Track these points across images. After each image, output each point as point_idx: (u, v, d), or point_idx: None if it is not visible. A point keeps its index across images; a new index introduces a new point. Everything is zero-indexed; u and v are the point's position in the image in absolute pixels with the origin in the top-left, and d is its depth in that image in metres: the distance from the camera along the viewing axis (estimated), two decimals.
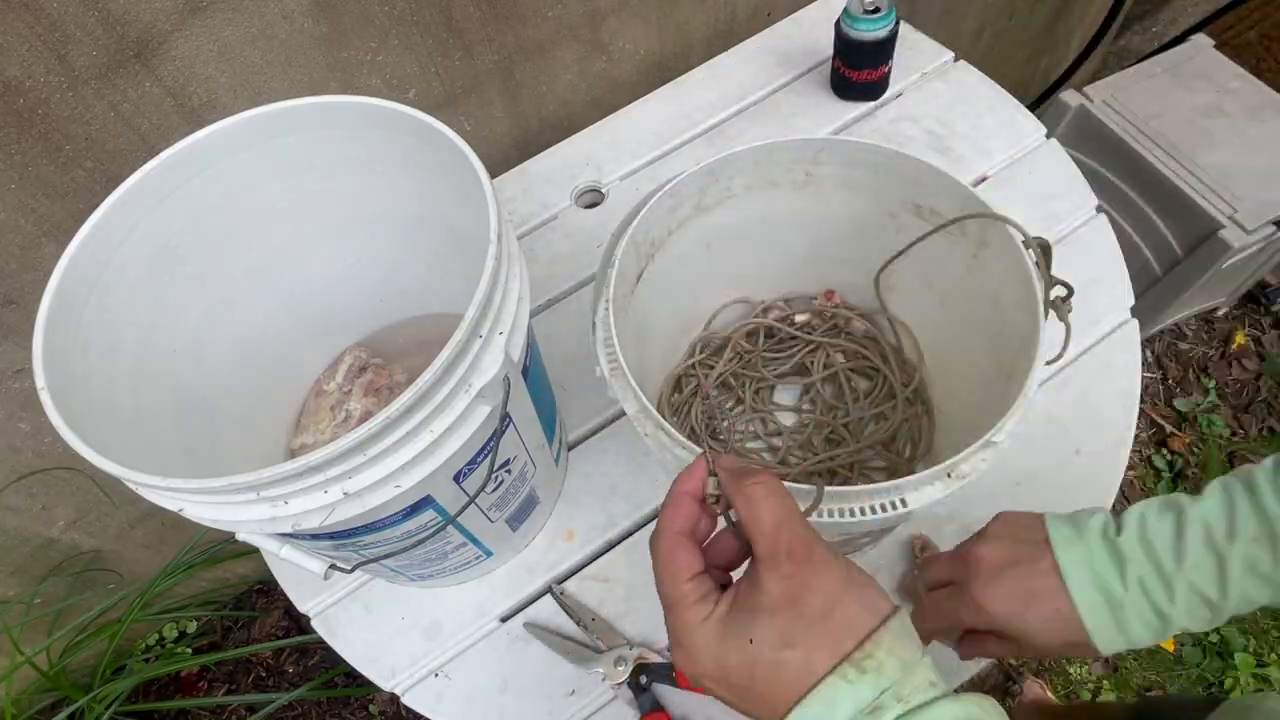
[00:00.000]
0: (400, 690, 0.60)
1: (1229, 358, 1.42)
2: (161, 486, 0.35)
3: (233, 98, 0.65)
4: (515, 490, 0.55)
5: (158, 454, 0.46)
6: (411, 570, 0.55)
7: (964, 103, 0.85)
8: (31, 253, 0.64)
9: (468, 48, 0.76)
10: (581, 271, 0.78)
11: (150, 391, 0.47)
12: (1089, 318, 0.71)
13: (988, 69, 0.88)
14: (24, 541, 0.85)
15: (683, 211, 0.57)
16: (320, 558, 0.46)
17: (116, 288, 0.45)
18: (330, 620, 0.63)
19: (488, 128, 0.85)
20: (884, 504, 0.41)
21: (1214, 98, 1.14)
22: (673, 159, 0.85)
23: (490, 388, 0.40)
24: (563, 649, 0.59)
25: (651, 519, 0.65)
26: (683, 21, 0.90)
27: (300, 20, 0.65)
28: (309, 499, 0.37)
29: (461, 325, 0.38)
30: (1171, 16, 1.69)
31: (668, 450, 0.44)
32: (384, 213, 0.56)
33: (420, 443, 0.38)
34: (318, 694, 1.10)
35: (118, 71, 0.59)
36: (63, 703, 0.92)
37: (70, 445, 0.36)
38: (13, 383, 0.71)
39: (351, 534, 0.43)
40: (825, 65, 0.89)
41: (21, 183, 0.60)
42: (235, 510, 0.38)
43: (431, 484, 0.41)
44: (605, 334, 0.48)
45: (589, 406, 0.70)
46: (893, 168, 0.55)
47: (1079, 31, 1.52)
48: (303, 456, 0.35)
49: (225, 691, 1.13)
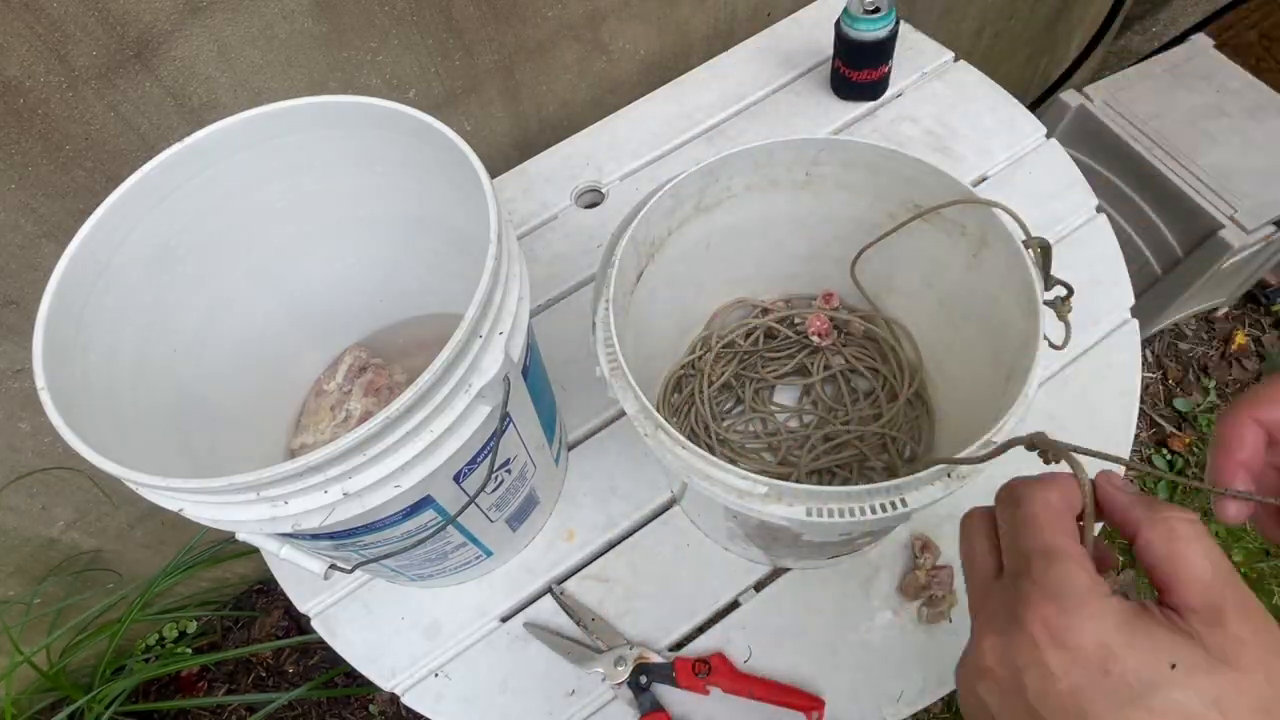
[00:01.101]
0: (400, 690, 0.60)
1: (1229, 358, 1.42)
2: (162, 486, 0.35)
3: (233, 98, 0.65)
4: (515, 490, 0.55)
5: (158, 454, 0.46)
6: (411, 570, 0.55)
7: (964, 103, 0.85)
8: (31, 252, 0.64)
9: (468, 48, 0.76)
10: (581, 271, 0.78)
11: (150, 391, 0.47)
12: (1089, 318, 0.71)
13: (988, 69, 0.88)
14: (24, 541, 0.85)
15: (683, 211, 0.57)
16: (320, 558, 0.46)
17: (116, 288, 0.45)
18: (330, 620, 0.63)
19: (488, 127, 0.85)
20: (884, 504, 0.41)
21: (1214, 98, 1.14)
22: (673, 159, 0.85)
23: (490, 388, 0.40)
24: (563, 649, 0.59)
25: (652, 518, 0.65)
26: (683, 21, 0.90)
27: (300, 20, 0.65)
28: (309, 499, 0.37)
29: (461, 325, 0.38)
30: (1171, 16, 1.69)
31: (668, 450, 0.44)
32: (384, 213, 0.56)
33: (420, 443, 0.38)
34: (318, 694, 1.10)
35: (118, 71, 0.59)
36: (63, 702, 0.92)
37: (70, 445, 0.36)
38: (12, 382, 0.71)
39: (351, 534, 0.43)
40: (825, 65, 0.89)
41: (21, 182, 0.60)
42: (235, 510, 0.38)
43: (431, 484, 0.41)
44: (605, 334, 0.48)
45: (589, 406, 0.70)
46: (891, 167, 0.55)
47: (1079, 31, 1.52)
48: (303, 456, 0.35)
49: (225, 691, 1.13)
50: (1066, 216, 0.77)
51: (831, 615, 0.60)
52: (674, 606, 0.62)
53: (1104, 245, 0.75)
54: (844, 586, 0.61)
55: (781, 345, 0.68)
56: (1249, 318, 1.45)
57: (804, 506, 0.42)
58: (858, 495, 0.41)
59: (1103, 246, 0.75)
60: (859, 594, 0.61)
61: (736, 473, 0.42)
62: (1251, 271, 1.26)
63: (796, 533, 0.42)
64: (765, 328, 0.68)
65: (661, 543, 0.64)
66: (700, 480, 0.43)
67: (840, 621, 0.60)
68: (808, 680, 0.58)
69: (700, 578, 0.63)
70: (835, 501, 0.41)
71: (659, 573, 0.63)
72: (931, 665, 0.58)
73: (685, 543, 0.64)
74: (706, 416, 0.65)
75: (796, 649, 0.59)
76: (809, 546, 0.56)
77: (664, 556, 0.64)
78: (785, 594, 0.62)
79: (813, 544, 0.55)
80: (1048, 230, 0.76)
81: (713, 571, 0.63)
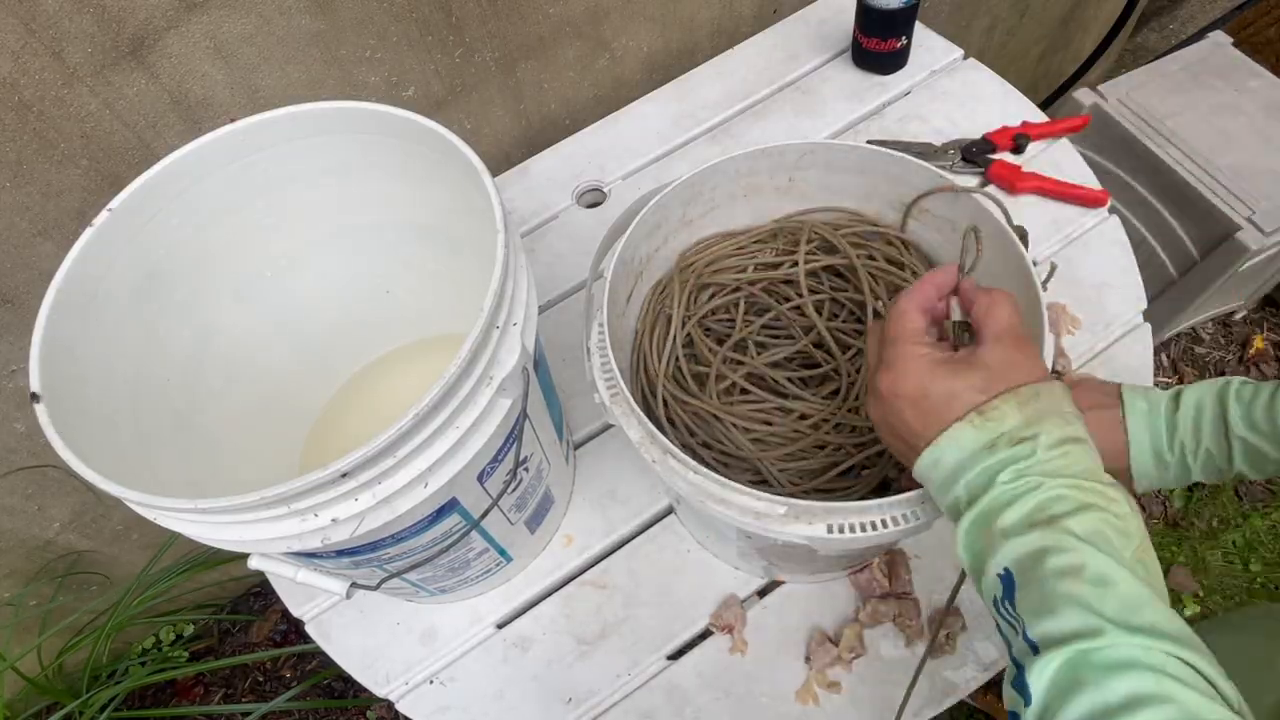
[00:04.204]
0: (395, 697, 0.60)
1: (1247, 362, 1.39)
2: (189, 509, 0.34)
3: (229, 95, 0.65)
4: (533, 489, 0.54)
5: (162, 481, 0.44)
6: (434, 583, 0.54)
7: (974, 101, 0.84)
8: (27, 250, 0.64)
9: (468, 45, 0.75)
10: (583, 272, 0.77)
11: (149, 420, 0.46)
12: (1100, 320, 0.69)
13: (999, 67, 0.87)
14: (20, 543, 0.84)
15: (669, 226, 0.56)
16: (340, 577, 0.45)
17: (105, 321, 0.44)
18: (325, 625, 0.62)
19: (488, 126, 0.84)
20: (904, 515, 0.40)
21: (1232, 97, 1.11)
22: (676, 158, 0.83)
23: (510, 379, 0.40)
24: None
25: (651, 524, 0.64)
26: (687, 19, 0.89)
27: (297, 17, 0.64)
28: (339, 508, 0.37)
29: (480, 316, 0.38)
30: (1188, 14, 1.66)
31: (679, 477, 0.43)
32: (376, 221, 0.56)
33: (447, 440, 0.38)
34: (316, 704, 1.09)
35: (113, 68, 0.58)
36: (55, 707, 0.92)
37: (87, 478, 0.35)
38: (7, 382, 0.71)
39: (376, 547, 0.43)
40: (831, 63, 0.88)
41: (16, 180, 0.59)
42: (260, 528, 0.37)
43: (457, 485, 0.41)
44: (603, 360, 0.47)
45: (586, 412, 0.69)
46: (876, 167, 0.54)
47: (1093, 29, 1.49)
48: (333, 462, 0.34)
49: (222, 695, 1.13)
50: (1078, 217, 0.75)
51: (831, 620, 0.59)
52: (674, 613, 0.60)
53: (1116, 246, 0.74)
54: (844, 589, 0.60)
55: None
56: (1268, 321, 1.42)
57: (824, 524, 0.40)
58: (879, 508, 0.40)
59: (1115, 248, 0.74)
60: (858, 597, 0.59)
61: (753, 494, 0.41)
62: (1270, 274, 1.23)
63: (815, 549, 0.41)
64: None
65: (662, 548, 0.63)
66: (715, 505, 0.42)
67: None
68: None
69: (700, 584, 0.61)
70: (856, 516, 0.40)
71: (658, 579, 0.62)
72: (938, 678, 0.56)
73: (685, 549, 0.63)
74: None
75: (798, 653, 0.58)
76: (824, 560, 0.55)
77: (664, 562, 0.62)
78: (787, 600, 0.60)
79: (829, 558, 0.54)
80: (1058, 231, 0.75)
81: (713, 577, 0.62)
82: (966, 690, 0.56)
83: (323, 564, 0.45)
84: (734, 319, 0.58)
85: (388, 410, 0.37)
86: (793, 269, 0.57)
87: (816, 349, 0.56)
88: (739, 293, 0.58)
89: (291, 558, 0.44)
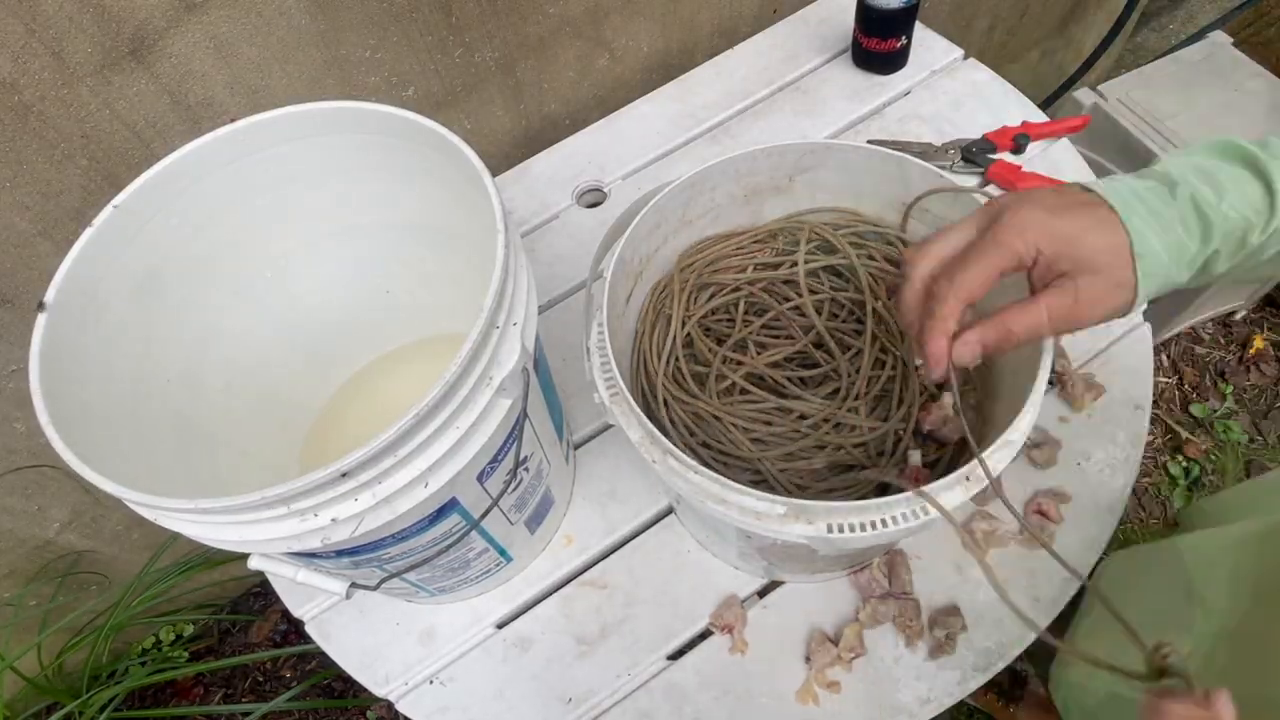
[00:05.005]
0: (394, 697, 0.60)
1: (1247, 362, 1.39)
2: (189, 509, 0.34)
3: (229, 95, 0.65)
4: (533, 489, 0.54)
5: (163, 482, 0.44)
6: (434, 583, 0.54)
7: (974, 101, 0.84)
8: (27, 250, 0.64)
9: (468, 45, 0.75)
10: (583, 272, 0.77)
11: (150, 421, 0.46)
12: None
13: (999, 67, 0.87)
14: (20, 543, 0.84)
15: (668, 226, 0.56)
16: (340, 577, 0.45)
17: (104, 323, 0.44)
18: (325, 625, 0.62)
19: (488, 126, 0.84)
20: (906, 514, 0.40)
21: (1232, 96, 1.11)
22: (676, 158, 0.83)
23: (510, 379, 0.40)
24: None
25: (651, 524, 0.64)
26: (687, 19, 0.89)
27: (297, 17, 0.64)
28: (339, 508, 0.37)
29: (480, 316, 0.38)
30: (1189, 13, 1.66)
31: (679, 477, 0.43)
32: (375, 221, 0.55)
33: (447, 440, 0.38)
34: (315, 704, 1.09)
35: (113, 68, 0.58)
36: (54, 707, 0.92)
37: (87, 478, 0.35)
38: (7, 382, 0.71)
39: (376, 547, 0.43)
40: (831, 63, 0.88)
41: (16, 180, 0.59)
42: (260, 529, 0.37)
43: (457, 485, 0.41)
44: (603, 360, 0.47)
45: (586, 412, 0.69)
46: (875, 167, 0.54)
47: (1094, 28, 1.49)
48: (333, 462, 0.34)
49: (222, 695, 1.13)
50: None
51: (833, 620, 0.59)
52: (674, 613, 0.60)
53: None
54: (845, 589, 0.60)
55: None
56: (1268, 321, 1.42)
57: (824, 523, 0.40)
58: (878, 507, 0.40)
59: None
60: (858, 596, 0.59)
61: (753, 494, 0.41)
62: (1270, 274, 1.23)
63: (814, 549, 0.41)
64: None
65: (662, 548, 0.63)
66: (715, 505, 0.42)
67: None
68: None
69: (700, 584, 0.61)
70: (856, 516, 0.40)
71: (658, 579, 0.62)
72: (939, 678, 0.56)
73: (685, 549, 0.63)
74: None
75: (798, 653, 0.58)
76: (824, 560, 0.55)
77: (663, 562, 0.62)
78: (787, 600, 0.60)
79: (829, 558, 0.54)
80: None
81: (713, 577, 0.61)
82: (966, 690, 0.56)
83: (323, 564, 0.45)
84: (734, 319, 0.58)
85: (388, 410, 0.37)
86: (792, 269, 0.57)
87: (816, 349, 0.56)
88: (739, 293, 0.58)
89: (291, 558, 0.44)
